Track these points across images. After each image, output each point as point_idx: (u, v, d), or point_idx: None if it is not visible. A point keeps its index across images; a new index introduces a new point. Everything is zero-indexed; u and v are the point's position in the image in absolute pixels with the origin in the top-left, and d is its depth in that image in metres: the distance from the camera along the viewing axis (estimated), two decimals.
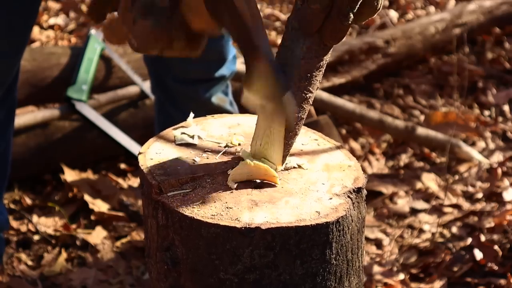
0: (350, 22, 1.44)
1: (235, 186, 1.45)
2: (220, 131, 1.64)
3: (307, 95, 1.48)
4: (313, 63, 1.47)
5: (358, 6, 1.43)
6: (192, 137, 1.60)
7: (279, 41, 5.26)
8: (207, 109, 2.68)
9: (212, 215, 1.36)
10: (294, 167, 1.53)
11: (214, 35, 1.59)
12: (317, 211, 1.39)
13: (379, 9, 1.46)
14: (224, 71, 2.75)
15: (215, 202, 1.40)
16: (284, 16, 5.35)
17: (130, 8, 1.57)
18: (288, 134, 1.48)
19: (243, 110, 2.79)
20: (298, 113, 1.48)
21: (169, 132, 1.63)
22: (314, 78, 1.48)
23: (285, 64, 1.46)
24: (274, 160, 1.50)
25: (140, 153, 1.54)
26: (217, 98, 2.80)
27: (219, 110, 2.76)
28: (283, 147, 1.49)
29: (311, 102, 1.49)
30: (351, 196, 1.46)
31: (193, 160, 1.52)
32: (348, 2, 1.42)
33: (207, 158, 1.53)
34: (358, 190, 1.47)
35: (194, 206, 1.38)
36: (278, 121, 1.47)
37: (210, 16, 1.50)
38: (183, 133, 1.61)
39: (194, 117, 1.68)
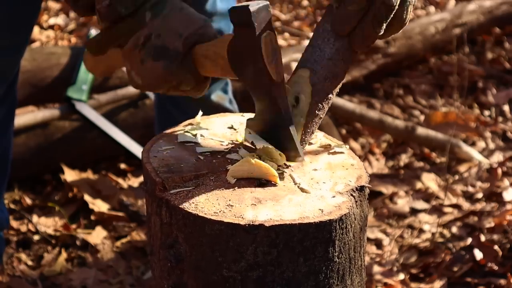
0: (382, 31, 1.49)
1: (233, 181, 1.45)
2: (223, 129, 1.64)
3: (328, 96, 1.52)
4: (339, 65, 1.51)
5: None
6: (195, 135, 1.60)
7: (279, 41, 5.26)
8: (207, 107, 2.68)
9: (215, 212, 1.36)
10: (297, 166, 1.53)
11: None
12: (320, 209, 1.39)
13: (405, 24, 1.51)
14: None
15: (218, 199, 1.40)
16: (284, 16, 5.36)
17: (140, 47, 1.58)
18: (306, 131, 1.52)
19: (242, 108, 2.79)
20: (318, 111, 1.52)
21: (173, 130, 1.63)
22: (337, 80, 1.52)
23: (314, 61, 1.51)
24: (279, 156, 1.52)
25: (144, 151, 1.54)
26: (217, 96, 2.80)
27: (219, 108, 2.77)
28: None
29: (330, 104, 1.53)
30: (354, 194, 1.46)
31: (197, 157, 1.52)
32: (385, 10, 1.46)
33: (211, 156, 1.53)
34: (361, 189, 1.48)
35: (198, 203, 1.38)
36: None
37: (231, 69, 1.52)
38: (186, 131, 1.61)
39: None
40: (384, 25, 1.49)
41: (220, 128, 1.65)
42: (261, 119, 1.53)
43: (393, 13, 1.49)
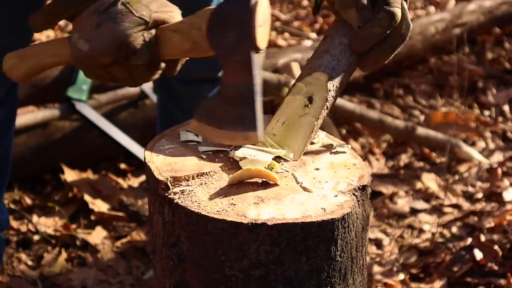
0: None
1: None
2: None
3: (334, 102, 1.60)
4: (348, 77, 1.60)
5: None
6: (197, 134, 1.60)
7: (279, 41, 5.22)
8: None
9: (218, 211, 1.36)
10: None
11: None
12: (322, 208, 1.39)
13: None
14: None
15: (221, 198, 1.40)
16: (284, 16, 5.36)
17: (100, 12, 1.55)
18: (314, 131, 1.56)
19: None
20: (326, 115, 1.58)
21: (175, 129, 1.63)
22: (341, 88, 1.60)
23: (333, 69, 1.58)
24: (294, 148, 1.54)
25: (146, 150, 1.54)
26: None
27: None
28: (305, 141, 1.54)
29: (329, 109, 1.59)
30: (356, 193, 1.46)
31: (199, 156, 1.52)
32: (400, 40, 1.59)
33: (213, 155, 1.53)
34: (363, 188, 1.48)
35: (200, 202, 1.38)
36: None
37: (205, 39, 1.50)
38: (188, 130, 1.61)
39: None
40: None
41: None
42: (226, 92, 1.49)
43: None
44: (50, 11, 1.62)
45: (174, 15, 1.58)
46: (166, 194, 1.41)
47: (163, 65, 1.59)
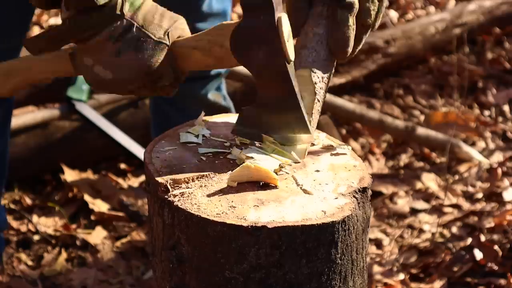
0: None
1: (235, 184, 1.45)
2: (225, 130, 1.64)
3: (325, 93, 1.60)
4: (332, 65, 1.60)
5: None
6: (197, 136, 1.60)
7: None
8: (203, 105, 2.68)
9: (218, 213, 1.36)
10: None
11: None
12: (323, 211, 1.39)
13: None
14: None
15: (220, 200, 1.39)
16: None
17: (115, 38, 1.54)
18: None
19: (238, 106, 2.79)
20: (319, 108, 1.58)
21: (175, 131, 1.63)
22: (329, 79, 1.60)
23: (313, 62, 1.57)
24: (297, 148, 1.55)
25: (146, 151, 1.54)
26: (213, 94, 2.81)
27: (215, 106, 2.77)
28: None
29: (322, 101, 1.58)
30: (356, 196, 1.46)
31: (199, 158, 1.52)
32: (364, 29, 1.58)
33: (213, 157, 1.53)
34: (363, 190, 1.48)
35: (200, 205, 1.38)
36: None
37: (232, 55, 1.52)
38: (188, 132, 1.61)
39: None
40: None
41: (223, 129, 1.65)
42: (267, 104, 1.53)
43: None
44: (52, 36, 1.59)
45: (185, 27, 1.60)
46: (166, 197, 1.41)
47: (184, 77, 1.62)
